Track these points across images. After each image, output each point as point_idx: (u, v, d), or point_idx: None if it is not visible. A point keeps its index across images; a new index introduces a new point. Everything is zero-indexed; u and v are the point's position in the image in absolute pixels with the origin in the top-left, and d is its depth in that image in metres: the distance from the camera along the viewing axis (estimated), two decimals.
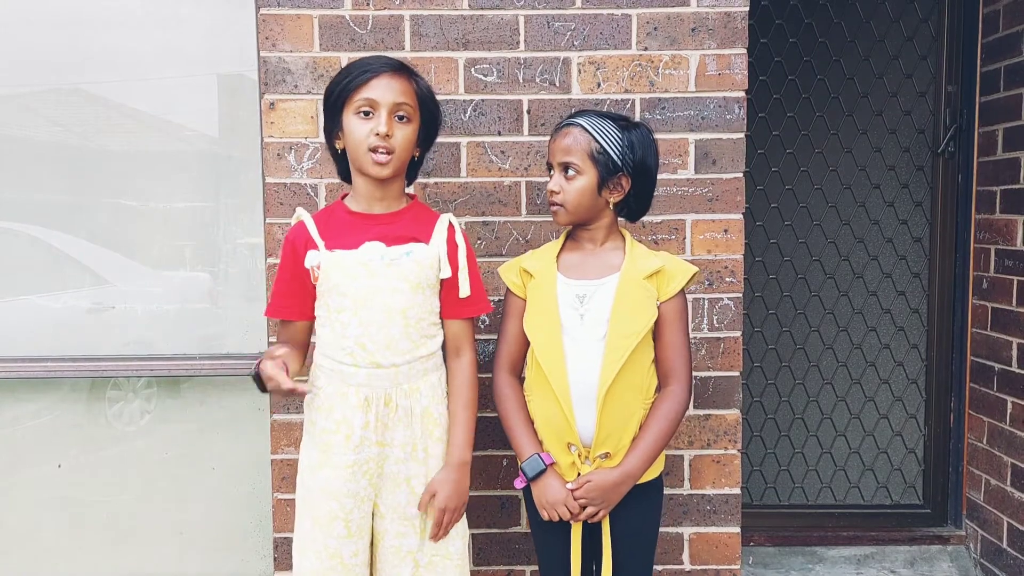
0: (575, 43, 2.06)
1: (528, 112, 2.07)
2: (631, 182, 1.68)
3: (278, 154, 2.07)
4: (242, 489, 2.37)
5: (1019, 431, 2.57)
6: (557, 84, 2.07)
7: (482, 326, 2.11)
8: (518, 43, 2.06)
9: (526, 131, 2.08)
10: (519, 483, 1.71)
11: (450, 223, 1.72)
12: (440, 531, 1.68)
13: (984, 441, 2.75)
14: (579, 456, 1.66)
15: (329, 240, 1.66)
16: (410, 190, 1.86)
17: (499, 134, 2.08)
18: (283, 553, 2.14)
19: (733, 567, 2.16)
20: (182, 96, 2.37)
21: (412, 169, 1.76)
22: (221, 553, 2.41)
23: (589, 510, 1.65)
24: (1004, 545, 2.65)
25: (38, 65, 2.35)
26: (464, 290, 1.69)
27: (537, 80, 2.07)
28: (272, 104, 2.06)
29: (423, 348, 1.68)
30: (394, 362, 1.64)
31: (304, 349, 1.76)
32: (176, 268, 2.42)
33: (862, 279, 2.94)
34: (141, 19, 2.32)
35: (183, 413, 2.41)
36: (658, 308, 1.67)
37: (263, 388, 1.61)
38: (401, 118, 1.62)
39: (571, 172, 1.65)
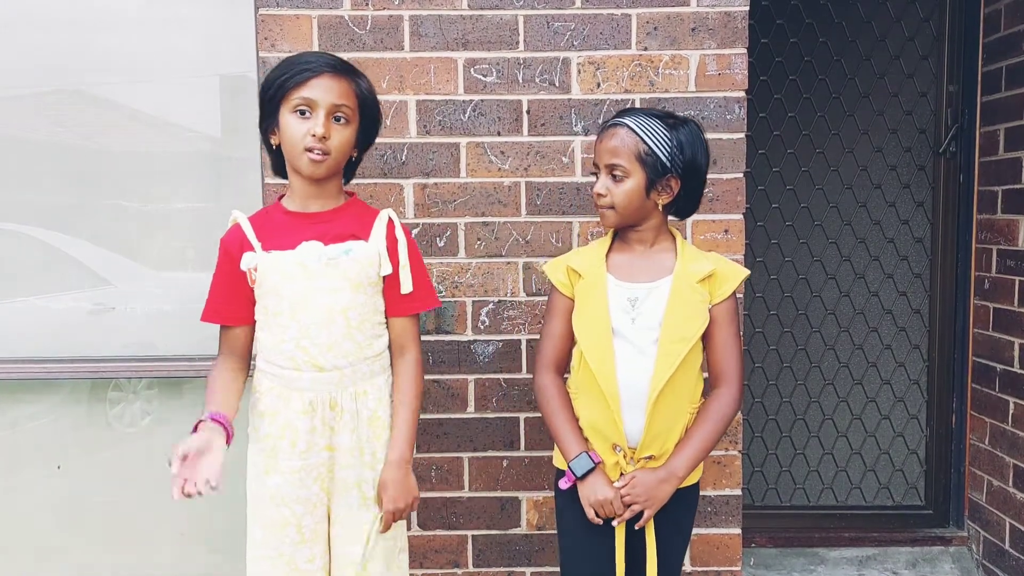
0: (575, 43, 2.05)
1: (528, 112, 2.07)
2: (680, 183, 1.63)
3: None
4: (242, 490, 2.36)
5: (1021, 432, 2.57)
6: (557, 84, 2.06)
7: (481, 326, 2.11)
8: (517, 43, 2.06)
9: (525, 131, 2.07)
10: (565, 483, 1.66)
11: (389, 218, 1.66)
12: (385, 528, 1.64)
13: (986, 442, 2.74)
14: (624, 457, 1.64)
15: (265, 241, 1.60)
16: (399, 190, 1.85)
17: (499, 134, 2.07)
18: None
19: (734, 568, 2.16)
20: (182, 97, 2.37)
21: (349, 169, 1.71)
22: (221, 554, 2.40)
23: (634, 508, 1.61)
24: (1006, 546, 2.64)
25: (39, 66, 2.35)
26: (406, 286, 1.64)
27: (537, 80, 2.06)
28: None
29: (368, 349, 1.63)
30: (337, 365, 1.59)
31: (246, 359, 1.70)
32: (177, 269, 2.42)
33: (863, 279, 2.93)
34: (141, 20, 2.33)
35: (184, 414, 2.40)
36: (709, 311, 1.64)
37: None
38: (339, 119, 1.57)
39: (618, 174, 1.60)
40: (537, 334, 2.10)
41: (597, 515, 1.63)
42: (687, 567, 2.16)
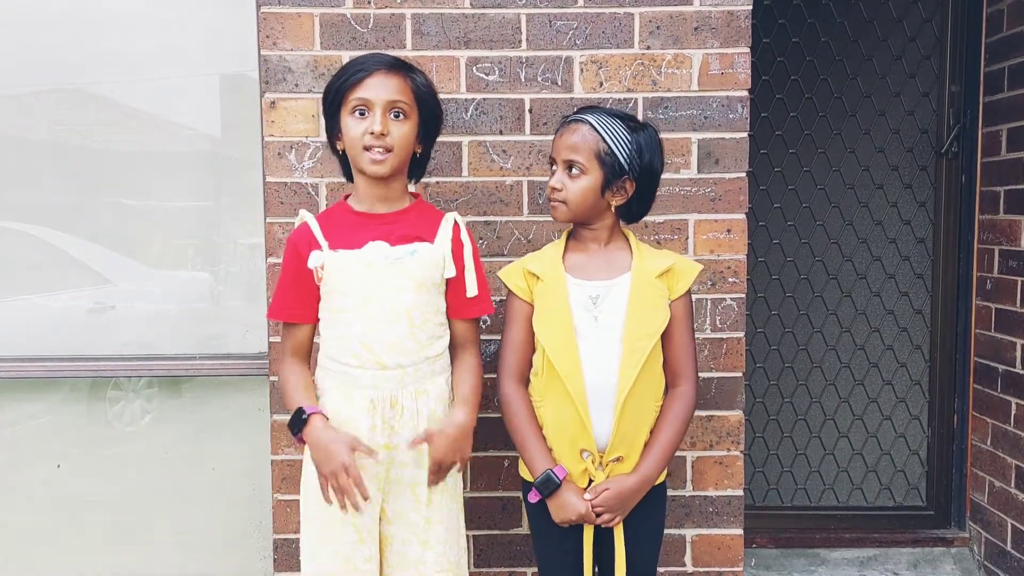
0: (577, 42, 2.05)
1: (530, 111, 2.06)
2: (635, 186, 1.64)
3: (279, 153, 2.06)
4: (242, 489, 2.36)
5: (1023, 432, 2.56)
6: (559, 83, 2.06)
7: (483, 326, 2.11)
8: (520, 42, 2.05)
9: (528, 130, 2.07)
10: (533, 498, 1.66)
11: (455, 222, 1.70)
12: (431, 478, 1.64)
13: (988, 443, 2.73)
14: (592, 462, 1.63)
15: (332, 240, 1.64)
16: (414, 188, 1.85)
17: (501, 133, 2.07)
18: (283, 554, 2.13)
19: (735, 569, 2.15)
20: (183, 95, 2.37)
21: (416, 167, 1.74)
22: (221, 553, 2.40)
23: (605, 516, 1.62)
24: (1008, 547, 2.63)
25: (39, 65, 2.35)
26: (471, 289, 1.67)
27: (539, 79, 2.06)
28: (273, 103, 2.05)
29: (430, 349, 1.65)
30: (400, 363, 1.62)
31: (309, 359, 1.73)
32: (177, 268, 2.42)
33: (865, 280, 2.93)
34: (142, 19, 2.32)
35: (184, 413, 2.40)
36: (668, 307, 1.65)
37: (297, 431, 1.62)
38: (397, 115, 1.60)
39: (575, 171, 1.61)
40: None
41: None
42: (688, 568, 2.16)
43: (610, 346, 1.61)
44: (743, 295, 2.10)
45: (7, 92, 2.36)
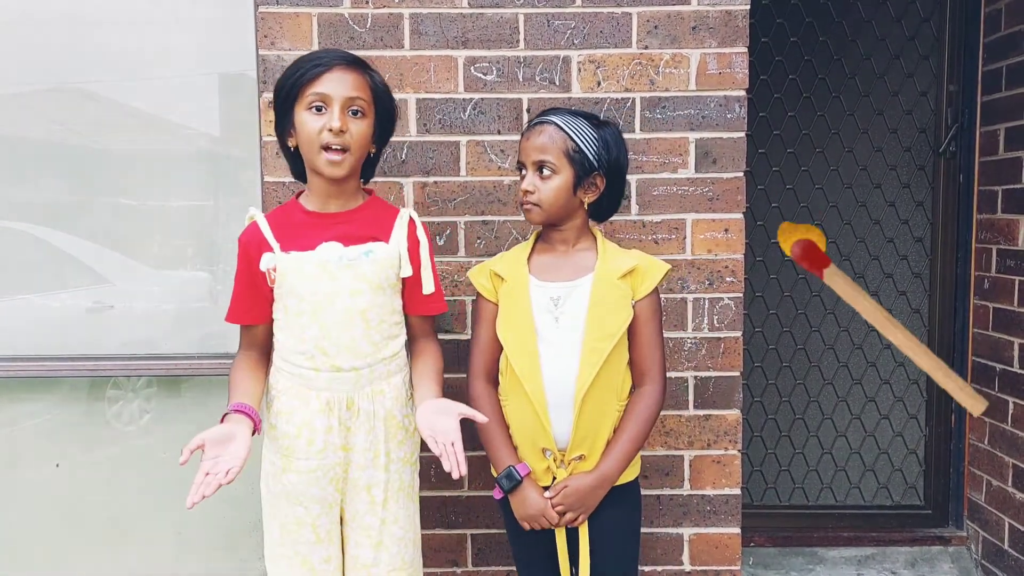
0: (575, 42, 2.05)
1: (528, 111, 2.07)
2: (605, 181, 1.66)
3: (277, 153, 2.06)
4: (241, 489, 2.36)
5: (1020, 431, 2.57)
6: (557, 83, 2.06)
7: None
8: (518, 42, 2.05)
9: None
10: (497, 494, 1.68)
11: (411, 218, 1.66)
12: (452, 453, 1.49)
13: (985, 442, 2.74)
14: (554, 460, 1.64)
15: (284, 242, 1.59)
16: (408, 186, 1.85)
17: (498, 133, 2.07)
18: None
19: (733, 568, 2.15)
20: (181, 95, 2.37)
21: (368, 166, 1.70)
22: (220, 553, 2.40)
23: (568, 516, 1.63)
24: (1005, 546, 2.64)
25: (38, 64, 2.35)
26: (428, 287, 1.65)
27: (537, 79, 2.06)
28: (271, 103, 2.05)
29: (386, 350, 1.63)
30: (355, 365, 1.60)
31: (267, 352, 1.70)
32: (176, 267, 2.42)
33: (863, 279, 2.93)
34: (140, 18, 2.32)
35: (183, 413, 2.40)
36: (633, 307, 1.65)
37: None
38: (355, 113, 1.55)
39: (546, 171, 1.62)
40: None
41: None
42: (685, 567, 2.16)
43: (570, 347, 1.62)
44: (741, 295, 2.10)
45: (7, 92, 2.36)
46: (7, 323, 2.39)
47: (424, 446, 1.63)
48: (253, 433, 1.53)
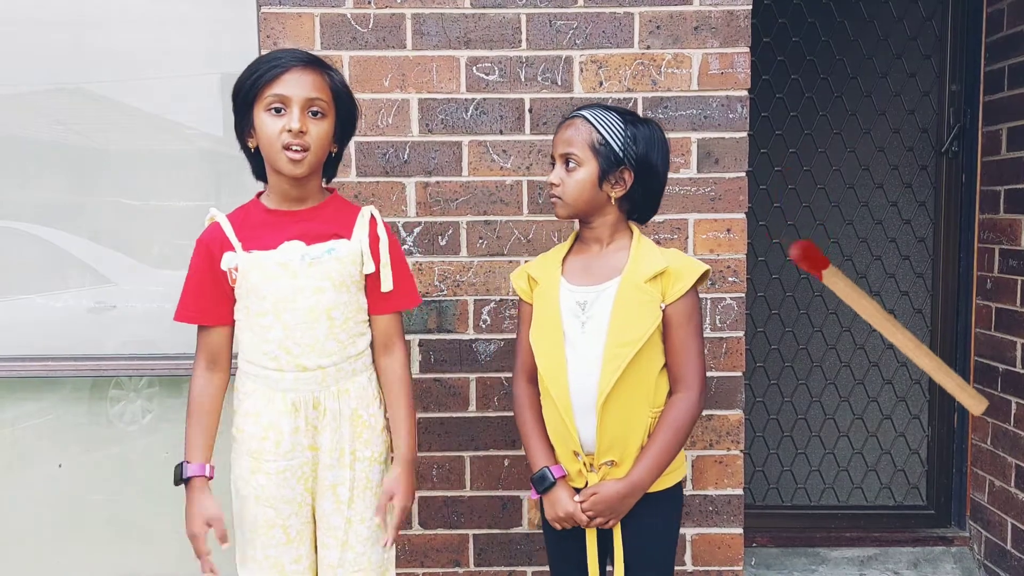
0: (577, 42, 2.05)
1: (530, 111, 2.07)
2: (634, 177, 1.62)
3: None
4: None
5: (1023, 431, 2.56)
6: (559, 83, 2.06)
7: (483, 325, 2.11)
8: (520, 42, 2.05)
9: (528, 130, 2.07)
10: (533, 495, 1.69)
11: (372, 216, 1.65)
12: (395, 534, 1.65)
13: (988, 442, 2.73)
14: (584, 464, 1.63)
15: (246, 241, 1.58)
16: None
17: (501, 133, 2.07)
18: None
19: (736, 568, 2.15)
20: (183, 95, 2.37)
21: (330, 166, 1.68)
22: (221, 553, 2.40)
23: (598, 520, 1.62)
24: (1008, 546, 2.63)
25: (40, 64, 2.35)
26: (386, 284, 1.63)
27: (539, 79, 2.06)
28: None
29: (351, 348, 1.62)
30: (320, 364, 1.58)
31: (227, 365, 1.66)
32: (177, 267, 2.40)
33: (865, 279, 2.93)
34: (143, 18, 2.32)
35: (184, 413, 2.40)
36: (664, 311, 1.61)
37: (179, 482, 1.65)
38: (315, 114, 1.54)
39: (572, 164, 1.61)
40: None
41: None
42: (688, 567, 2.16)
43: (595, 352, 1.60)
44: (743, 294, 2.10)
45: (7, 92, 2.37)
46: (9, 323, 2.39)
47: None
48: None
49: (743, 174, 2.08)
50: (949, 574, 2.78)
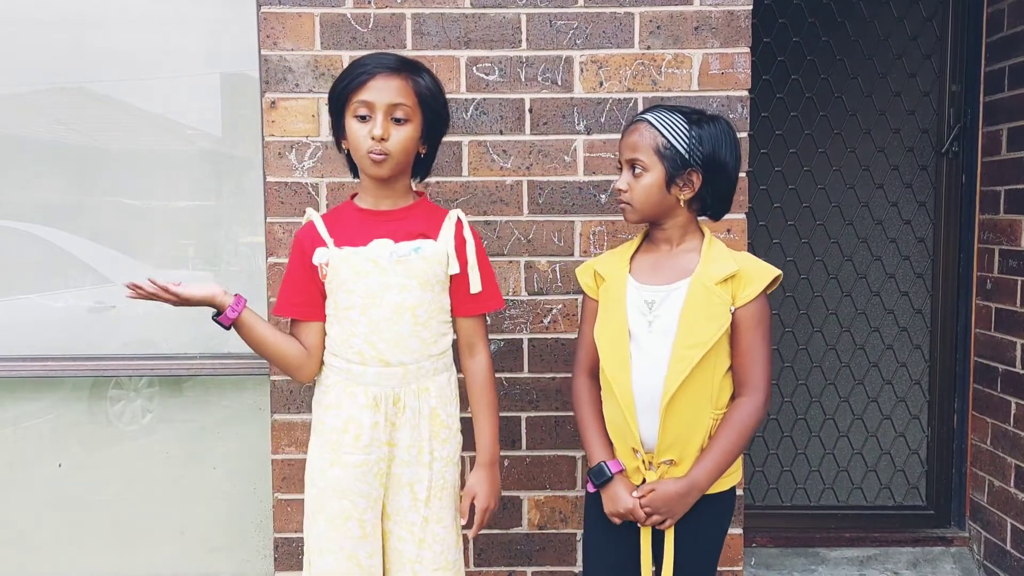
0: (577, 42, 2.05)
1: (530, 111, 2.07)
2: (702, 178, 1.59)
3: (279, 153, 2.07)
4: (243, 489, 2.37)
5: (1023, 432, 2.56)
6: (559, 83, 2.06)
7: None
8: (520, 42, 2.05)
9: (528, 130, 2.07)
10: (590, 488, 1.69)
11: (458, 219, 1.70)
12: (478, 528, 1.72)
13: (988, 442, 2.73)
14: (643, 462, 1.62)
15: (338, 238, 1.65)
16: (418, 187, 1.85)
17: (501, 133, 2.07)
18: (284, 553, 2.13)
19: (736, 568, 2.15)
20: (184, 95, 2.37)
21: (421, 166, 1.74)
22: (222, 553, 2.40)
23: (655, 518, 1.60)
24: (1008, 547, 2.63)
25: (41, 64, 2.35)
26: (475, 286, 1.68)
27: (539, 79, 2.06)
28: (273, 103, 2.05)
29: (433, 347, 1.66)
30: (403, 361, 1.63)
31: (318, 353, 1.70)
32: (178, 267, 2.42)
33: (865, 279, 2.93)
34: (143, 18, 2.32)
35: (184, 412, 2.40)
36: (733, 314, 1.59)
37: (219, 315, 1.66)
38: (398, 120, 1.59)
39: (638, 169, 1.60)
40: (539, 333, 2.11)
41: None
42: None
43: (662, 352, 1.59)
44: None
45: (9, 91, 2.37)
46: (9, 323, 2.39)
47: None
48: (222, 320, 1.66)
49: (743, 174, 2.08)
50: (949, 574, 2.78)
